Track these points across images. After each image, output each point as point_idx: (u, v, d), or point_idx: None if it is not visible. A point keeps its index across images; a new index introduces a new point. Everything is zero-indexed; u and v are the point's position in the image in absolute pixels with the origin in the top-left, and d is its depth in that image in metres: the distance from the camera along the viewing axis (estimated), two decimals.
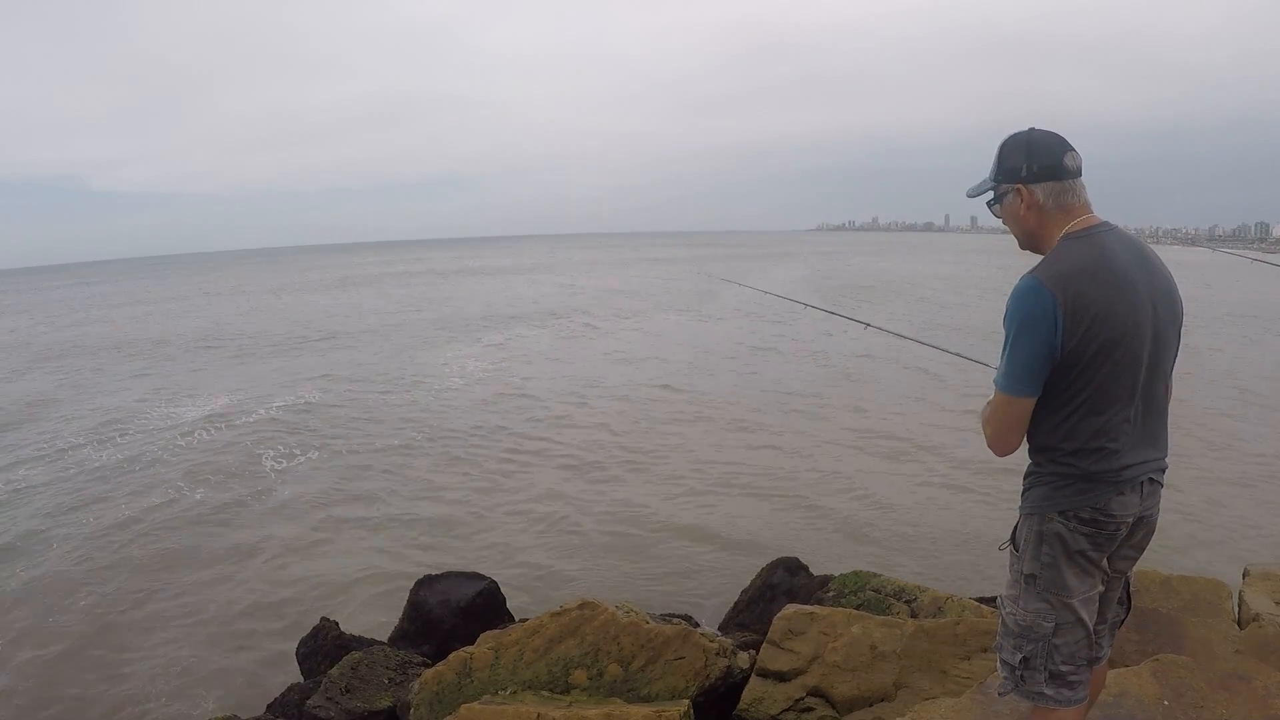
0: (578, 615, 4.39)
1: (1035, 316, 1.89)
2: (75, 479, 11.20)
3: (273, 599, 7.45)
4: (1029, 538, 2.07)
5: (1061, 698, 2.09)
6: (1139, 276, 1.97)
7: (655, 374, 17.50)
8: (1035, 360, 1.91)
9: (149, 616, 7.20)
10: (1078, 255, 1.94)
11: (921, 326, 22.96)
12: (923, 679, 3.89)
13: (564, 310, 32.04)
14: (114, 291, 64.41)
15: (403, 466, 11.24)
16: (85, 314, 41.90)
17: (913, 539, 8.19)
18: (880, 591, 5.21)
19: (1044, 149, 2.01)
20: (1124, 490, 2.00)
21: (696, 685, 4.08)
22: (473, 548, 8.36)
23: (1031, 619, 2.07)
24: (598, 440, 12.23)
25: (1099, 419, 1.95)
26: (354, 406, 15.19)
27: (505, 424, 13.38)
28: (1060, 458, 1.99)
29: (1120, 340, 1.91)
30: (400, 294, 44.35)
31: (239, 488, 10.55)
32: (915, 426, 12.40)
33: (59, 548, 8.73)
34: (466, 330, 26.77)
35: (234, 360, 21.98)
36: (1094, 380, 1.93)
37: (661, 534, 8.50)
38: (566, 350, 21.72)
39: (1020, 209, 2.06)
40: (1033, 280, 1.91)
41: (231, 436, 13.18)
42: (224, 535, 8.96)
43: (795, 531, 8.46)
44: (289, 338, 26.30)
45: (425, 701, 4.26)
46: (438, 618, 5.74)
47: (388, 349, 22.79)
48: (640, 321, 27.83)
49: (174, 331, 29.61)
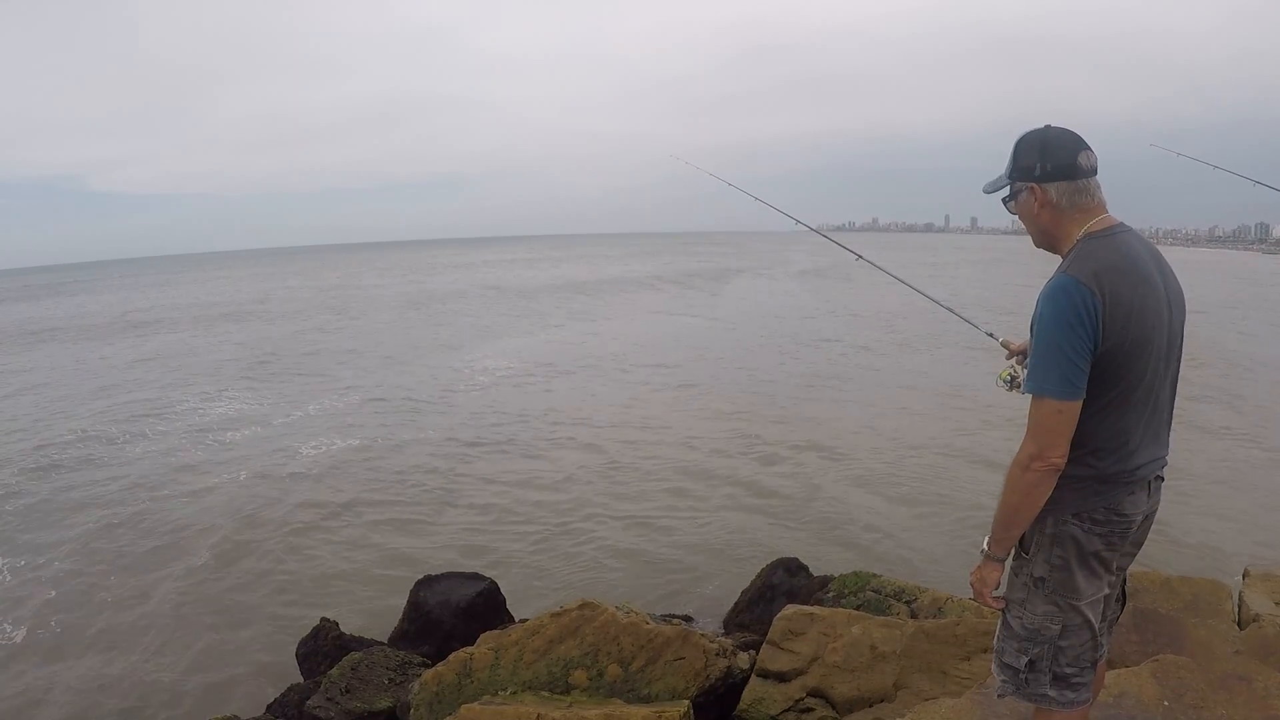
0: (578, 616, 4.39)
1: (1079, 315, 1.84)
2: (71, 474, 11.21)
3: (273, 599, 7.44)
4: (1040, 540, 2.03)
5: (1065, 699, 2.07)
6: (1157, 277, 1.96)
7: (655, 374, 17.50)
8: (1084, 360, 1.85)
9: (148, 616, 7.19)
10: (1106, 254, 1.91)
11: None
12: (923, 679, 3.89)
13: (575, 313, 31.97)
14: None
15: (404, 465, 11.24)
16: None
17: (913, 539, 8.18)
18: (880, 592, 5.21)
19: (1058, 147, 1.99)
20: (1135, 490, 1.99)
21: (696, 686, 4.08)
22: (473, 548, 8.35)
23: (1039, 622, 2.05)
24: (598, 440, 12.23)
25: (1122, 419, 1.94)
26: (364, 409, 15.19)
27: (505, 424, 13.37)
28: (1080, 458, 1.95)
29: (1149, 339, 1.91)
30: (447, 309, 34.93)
31: (240, 486, 10.57)
32: (915, 426, 12.39)
33: (53, 542, 8.74)
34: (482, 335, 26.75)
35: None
36: (1122, 380, 1.91)
37: (661, 534, 8.50)
38: (567, 348, 21.73)
39: (1034, 207, 2.04)
40: (1069, 279, 1.88)
41: (238, 436, 13.20)
42: (224, 534, 8.96)
43: (795, 532, 8.46)
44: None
45: (425, 702, 4.26)
46: (438, 618, 5.74)
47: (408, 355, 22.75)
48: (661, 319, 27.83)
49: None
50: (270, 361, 21.45)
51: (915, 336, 22.01)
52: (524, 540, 8.51)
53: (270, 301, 42.85)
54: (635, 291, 41.22)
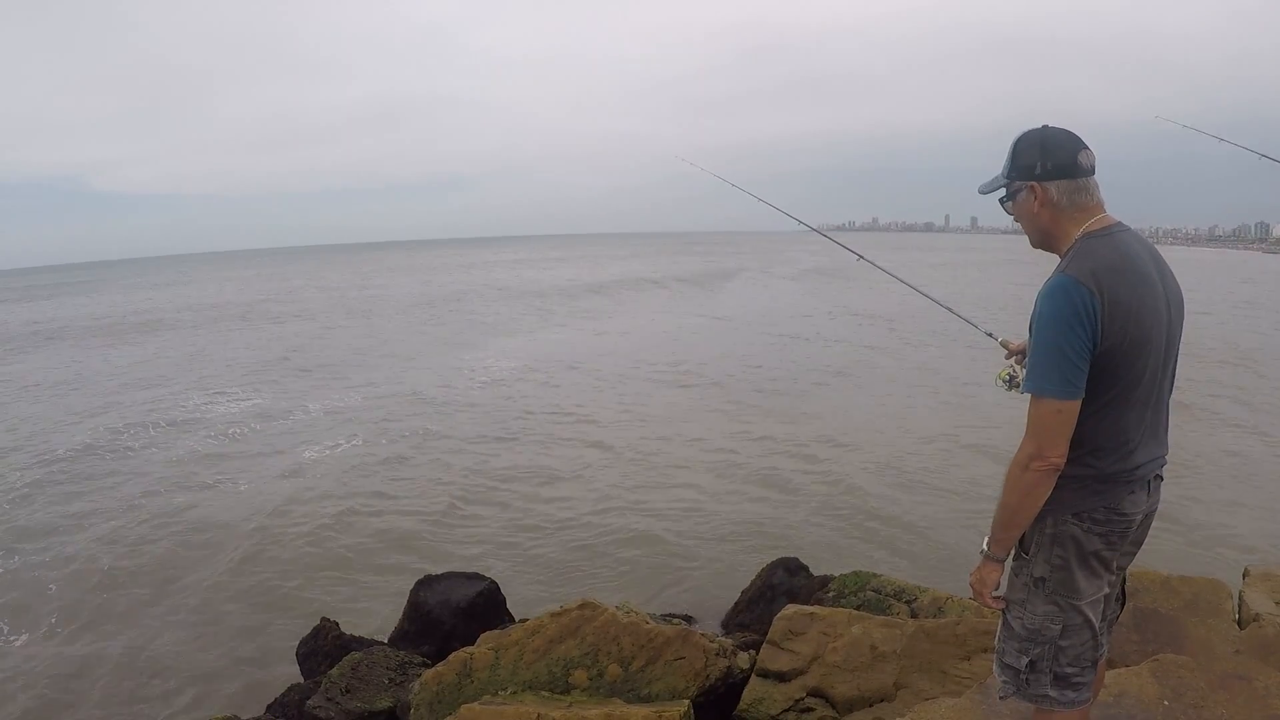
0: (578, 615, 4.39)
1: (1078, 314, 1.84)
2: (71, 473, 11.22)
3: (273, 599, 7.44)
4: (1040, 540, 2.03)
5: (1066, 699, 2.07)
6: (1155, 276, 1.97)
7: (656, 373, 17.49)
8: (1083, 359, 1.86)
9: (147, 616, 7.20)
10: (1105, 253, 1.91)
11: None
12: (923, 679, 3.89)
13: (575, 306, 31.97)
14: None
15: (404, 465, 11.24)
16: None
17: (913, 539, 8.17)
18: (880, 592, 5.21)
19: (1059, 146, 1.99)
20: (1135, 489, 2.00)
21: (696, 685, 4.08)
22: (473, 548, 8.35)
23: (1039, 622, 2.05)
24: (597, 441, 12.23)
25: (1121, 418, 1.94)
26: (365, 408, 15.20)
27: (507, 424, 13.38)
28: (1079, 457, 1.95)
29: (1148, 339, 1.91)
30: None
31: (237, 486, 10.58)
32: (915, 426, 12.38)
33: (54, 542, 8.74)
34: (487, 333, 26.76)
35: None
36: (1121, 379, 1.91)
37: (662, 534, 8.49)
38: (572, 346, 21.73)
39: (1034, 206, 2.04)
40: (1068, 278, 1.88)
41: (246, 431, 13.21)
42: (223, 534, 8.96)
43: (795, 531, 8.45)
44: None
45: (425, 702, 4.26)
46: (438, 618, 5.74)
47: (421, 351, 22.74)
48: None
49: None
50: (285, 361, 21.37)
51: (916, 336, 22.00)
52: (525, 540, 8.51)
53: (280, 301, 42.76)
54: (637, 291, 41.18)
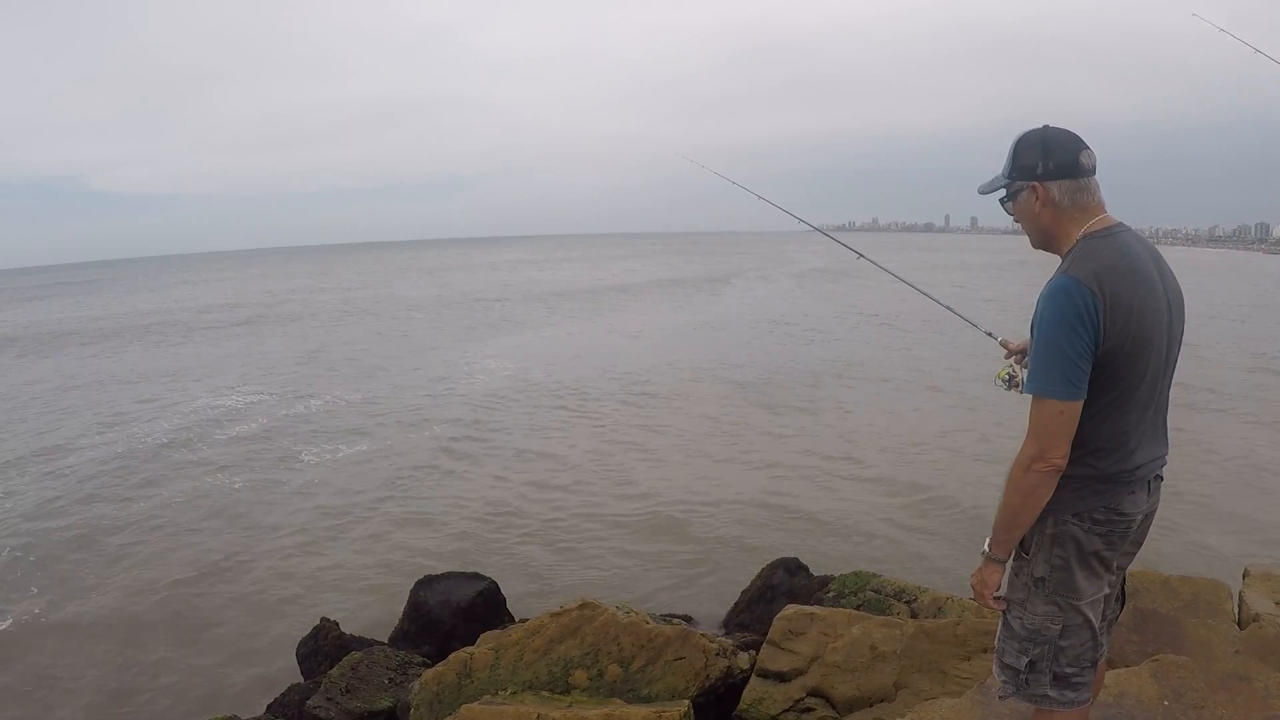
0: (578, 616, 4.39)
1: (1080, 314, 1.84)
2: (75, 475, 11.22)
3: (273, 598, 7.44)
4: (1040, 540, 2.03)
5: (1065, 699, 2.07)
6: (1156, 277, 1.96)
7: (657, 373, 17.49)
8: (1085, 360, 1.85)
9: (147, 615, 7.19)
10: (1106, 254, 1.91)
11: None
12: (923, 679, 3.89)
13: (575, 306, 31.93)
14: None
15: (405, 465, 11.24)
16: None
17: (913, 539, 8.18)
18: (880, 592, 5.22)
19: (1060, 146, 1.99)
20: (1135, 489, 1.99)
21: (696, 686, 4.08)
22: (473, 548, 8.35)
23: (1039, 622, 2.05)
24: (600, 439, 12.23)
25: (1122, 419, 1.94)
26: (367, 407, 15.20)
27: (508, 423, 13.38)
28: (1080, 458, 1.94)
29: (1149, 340, 1.91)
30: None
31: (235, 485, 10.57)
32: (915, 425, 12.38)
33: (53, 541, 8.74)
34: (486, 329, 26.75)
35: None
36: (1123, 380, 1.91)
37: (661, 534, 8.50)
38: (572, 347, 21.73)
39: (1035, 206, 2.03)
40: (1070, 279, 1.87)
41: (247, 430, 13.21)
42: (224, 532, 8.96)
43: (795, 532, 8.45)
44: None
45: (425, 702, 4.26)
46: (438, 618, 5.74)
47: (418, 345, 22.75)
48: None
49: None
50: (290, 363, 21.43)
51: (916, 335, 22.02)
52: (525, 540, 8.51)
53: (290, 302, 42.80)
54: (639, 291, 41.22)
